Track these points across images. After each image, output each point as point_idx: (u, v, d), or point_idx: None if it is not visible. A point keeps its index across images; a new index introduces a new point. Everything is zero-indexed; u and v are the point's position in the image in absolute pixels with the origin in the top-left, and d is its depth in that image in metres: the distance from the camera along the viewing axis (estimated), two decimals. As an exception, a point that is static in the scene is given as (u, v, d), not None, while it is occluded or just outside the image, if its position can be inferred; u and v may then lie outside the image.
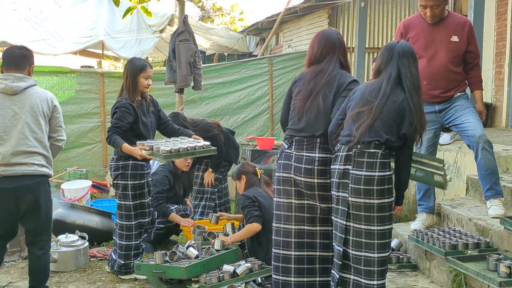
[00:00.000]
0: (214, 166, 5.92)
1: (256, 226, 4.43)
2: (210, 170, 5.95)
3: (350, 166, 3.14)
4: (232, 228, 4.85)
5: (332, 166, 3.29)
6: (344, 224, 3.17)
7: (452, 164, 5.22)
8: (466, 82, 4.31)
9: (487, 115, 4.84)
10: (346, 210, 3.15)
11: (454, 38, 4.15)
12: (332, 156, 3.33)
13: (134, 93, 4.49)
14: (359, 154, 3.13)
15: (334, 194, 3.26)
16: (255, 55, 13.24)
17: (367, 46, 9.91)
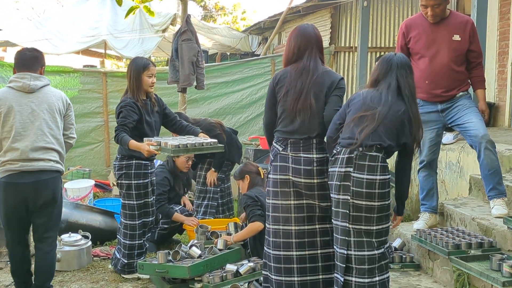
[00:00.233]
0: (216, 166, 5.92)
1: (258, 225, 4.43)
2: (213, 169, 5.95)
3: (351, 169, 3.17)
4: (234, 227, 4.87)
5: (330, 168, 3.31)
6: (346, 226, 3.19)
7: (455, 163, 5.22)
8: (469, 81, 4.31)
9: (490, 115, 4.83)
10: (347, 212, 3.17)
11: (456, 37, 4.14)
12: (330, 158, 3.34)
13: (138, 92, 4.49)
14: (361, 157, 3.16)
15: (334, 196, 3.27)
16: (258, 55, 13.24)
17: (370, 45, 9.89)
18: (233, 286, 4.00)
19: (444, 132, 4.59)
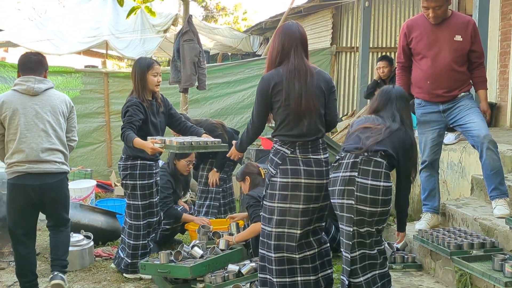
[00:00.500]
0: (218, 166, 5.92)
1: (260, 226, 4.42)
2: (215, 169, 5.95)
3: (356, 173, 3.23)
4: (236, 227, 4.87)
5: (333, 174, 3.35)
6: (350, 230, 3.26)
7: (457, 164, 5.22)
8: (471, 82, 4.30)
9: (491, 115, 4.82)
10: (352, 217, 3.24)
11: (458, 37, 4.14)
12: (333, 164, 3.39)
13: (143, 92, 4.49)
14: (366, 162, 3.23)
15: (337, 201, 3.30)
16: (259, 55, 13.23)
17: (371, 45, 9.89)
18: (235, 286, 4.00)
19: (445, 132, 4.59)
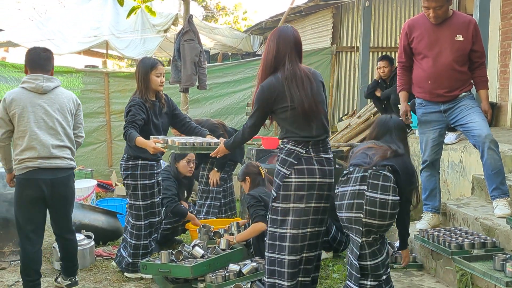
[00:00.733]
0: (219, 166, 5.92)
1: (261, 226, 4.42)
2: (216, 169, 5.95)
3: (365, 187, 3.27)
4: (237, 227, 4.87)
5: (341, 188, 3.39)
6: (360, 241, 3.31)
7: (457, 163, 5.22)
8: (472, 81, 4.30)
9: (492, 115, 4.82)
10: (360, 229, 3.29)
11: (459, 37, 4.14)
12: (341, 178, 3.42)
13: (147, 92, 4.49)
14: (375, 176, 3.27)
15: (345, 215, 3.34)
16: (259, 55, 13.24)
17: (372, 45, 9.89)
18: (236, 286, 4.00)
19: (446, 132, 4.59)
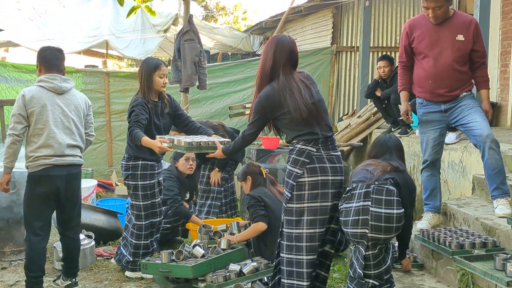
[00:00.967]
0: (220, 165, 5.92)
1: (261, 226, 4.43)
2: (217, 169, 5.95)
3: (369, 203, 3.28)
4: (237, 227, 4.87)
5: (345, 204, 3.38)
6: (365, 254, 3.33)
7: (457, 163, 5.22)
8: (473, 81, 4.30)
9: (493, 115, 4.83)
10: (365, 243, 3.31)
11: (460, 37, 4.14)
12: (344, 195, 3.42)
13: (149, 92, 4.48)
14: (378, 191, 3.29)
15: (350, 231, 3.34)
16: (259, 54, 13.24)
17: (372, 45, 9.89)
18: (236, 286, 4.00)
19: (446, 131, 4.59)
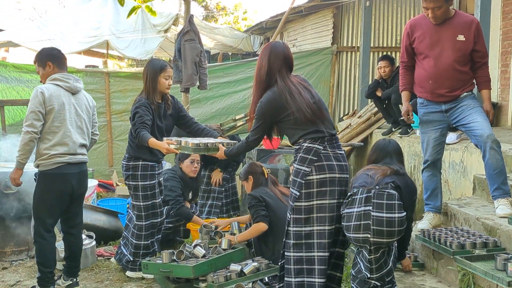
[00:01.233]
0: (222, 166, 5.92)
1: (262, 226, 4.43)
2: (218, 169, 5.95)
3: (370, 207, 3.28)
4: (238, 227, 4.87)
5: (347, 210, 3.38)
6: (367, 258, 3.34)
7: (458, 163, 5.22)
8: (474, 81, 4.30)
9: (493, 115, 4.83)
10: (368, 247, 3.31)
11: (461, 37, 4.14)
12: (345, 200, 3.42)
13: (153, 94, 4.47)
14: (378, 195, 3.29)
15: (352, 236, 3.34)
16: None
17: (372, 45, 9.89)
18: (237, 286, 4.00)
19: (447, 132, 4.59)
